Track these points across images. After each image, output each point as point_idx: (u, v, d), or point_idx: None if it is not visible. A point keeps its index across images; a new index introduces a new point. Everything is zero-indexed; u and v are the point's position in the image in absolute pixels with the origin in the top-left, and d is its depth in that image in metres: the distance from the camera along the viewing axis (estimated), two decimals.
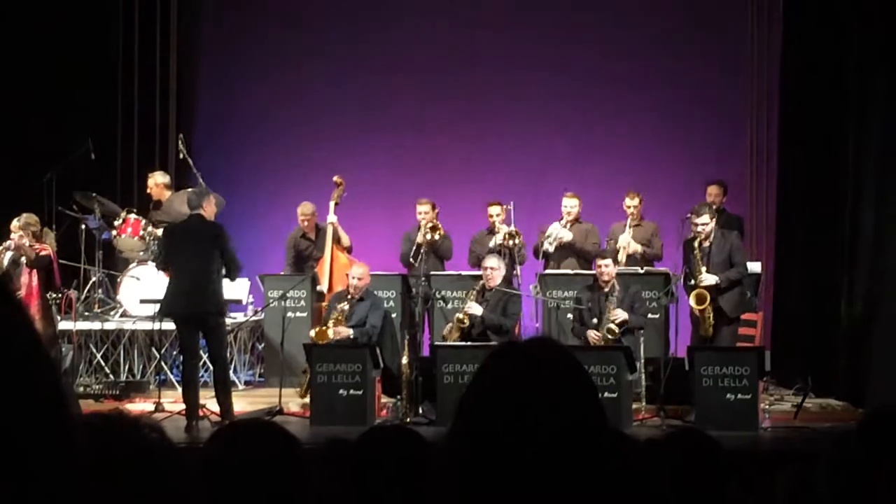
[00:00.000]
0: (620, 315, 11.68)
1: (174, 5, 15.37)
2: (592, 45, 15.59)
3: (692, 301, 11.64)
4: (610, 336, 11.62)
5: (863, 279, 12.22)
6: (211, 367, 11.27)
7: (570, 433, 1.90)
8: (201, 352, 11.23)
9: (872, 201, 12.11)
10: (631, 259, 13.17)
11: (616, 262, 12.51)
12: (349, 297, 12.17)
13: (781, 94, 13.97)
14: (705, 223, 11.71)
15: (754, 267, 12.69)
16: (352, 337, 11.92)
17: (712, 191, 13.23)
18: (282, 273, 13.67)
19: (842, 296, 12.48)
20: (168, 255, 11.11)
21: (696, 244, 11.69)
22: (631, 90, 15.42)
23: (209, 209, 11.04)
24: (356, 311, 12.14)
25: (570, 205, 13.42)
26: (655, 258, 13.35)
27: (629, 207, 13.38)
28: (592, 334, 11.71)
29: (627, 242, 13.20)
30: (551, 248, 13.22)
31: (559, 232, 13.25)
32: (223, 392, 10.80)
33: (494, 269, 12.27)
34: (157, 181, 13.75)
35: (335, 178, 13.50)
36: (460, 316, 12.10)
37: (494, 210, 13.43)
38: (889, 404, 3.01)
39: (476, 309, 12.10)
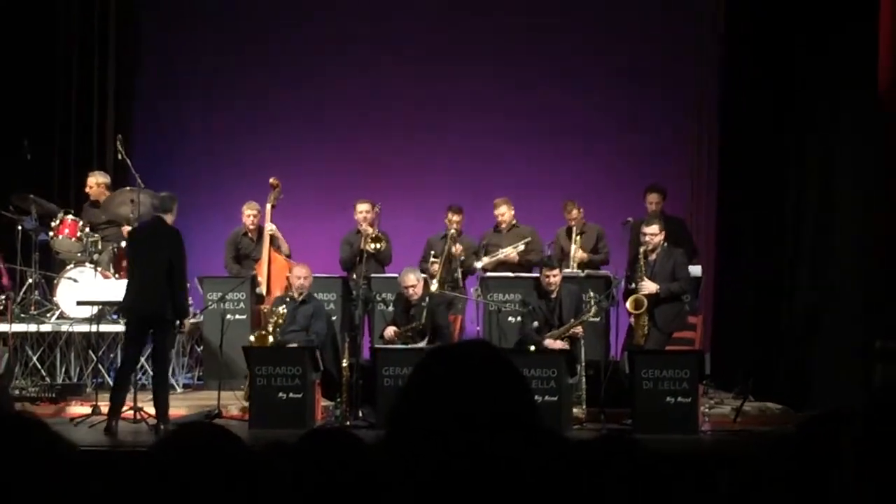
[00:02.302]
0: (558, 345, 11.61)
1: (113, 5, 15.23)
2: (534, 53, 15.59)
3: (629, 305, 11.69)
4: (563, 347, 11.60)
5: (803, 284, 12.31)
6: (147, 371, 11.24)
7: (503, 434, 1.89)
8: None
9: (814, 204, 12.21)
10: (581, 266, 13.19)
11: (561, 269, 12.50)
12: (289, 298, 12.13)
13: (721, 96, 14.04)
14: (654, 233, 11.77)
15: (695, 270, 12.75)
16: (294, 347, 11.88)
17: (652, 198, 13.25)
18: (224, 271, 13.63)
19: (781, 300, 12.56)
20: (130, 256, 11.27)
21: (641, 255, 11.74)
22: (573, 95, 15.45)
23: (174, 213, 11.17)
24: (298, 314, 12.09)
25: (501, 213, 13.43)
26: (603, 263, 13.37)
27: (571, 220, 13.39)
28: (558, 344, 11.62)
29: (575, 252, 13.21)
30: (489, 266, 13.19)
31: (507, 256, 13.24)
32: (163, 394, 10.83)
33: (414, 284, 12.14)
34: (99, 181, 13.65)
35: (271, 181, 13.47)
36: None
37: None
38: (828, 408, 3.01)
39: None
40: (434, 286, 12.60)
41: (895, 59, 11.72)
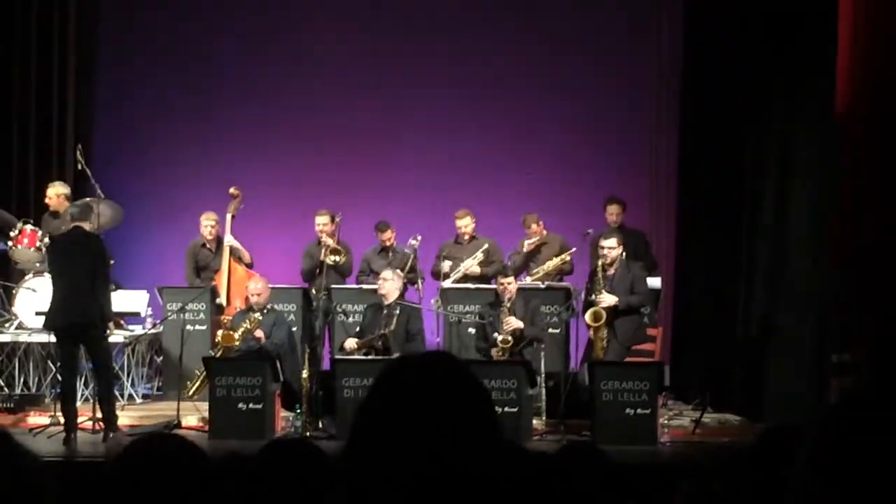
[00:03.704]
0: (514, 323, 11.70)
1: (73, 14, 15.16)
2: (493, 64, 15.61)
3: (588, 318, 11.71)
4: (503, 346, 11.62)
5: (760, 296, 12.38)
6: (91, 382, 11.22)
7: (464, 446, 1.90)
8: (86, 362, 11.23)
9: (771, 215, 12.28)
10: (546, 277, 13.21)
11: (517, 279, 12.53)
12: (252, 310, 12.16)
13: (681, 109, 14.10)
14: (612, 247, 11.81)
15: (654, 282, 12.80)
16: (262, 341, 11.89)
17: (612, 209, 13.28)
18: (184, 283, 13.58)
19: (738, 312, 12.63)
20: (52, 267, 11.20)
21: (599, 269, 11.78)
22: (534, 108, 15.48)
23: (93, 221, 11.23)
24: (261, 324, 12.11)
25: (463, 224, 13.46)
26: (567, 273, 13.41)
27: (532, 235, 13.42)
28: (495, 352, 11.70)
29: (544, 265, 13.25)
30: (455, 278, 13.22)
31: (469, 269, 13.27)
32: (108, 403, 10.82)
33: (386, 279, 12.22)
34: (59, 192, 13.53)
35: (231, 190, 13.46)
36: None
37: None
38: (786, 422, 3.05)
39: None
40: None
41: (852, 68, 11.82)
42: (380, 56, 15.66)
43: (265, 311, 12.20)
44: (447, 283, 13.13)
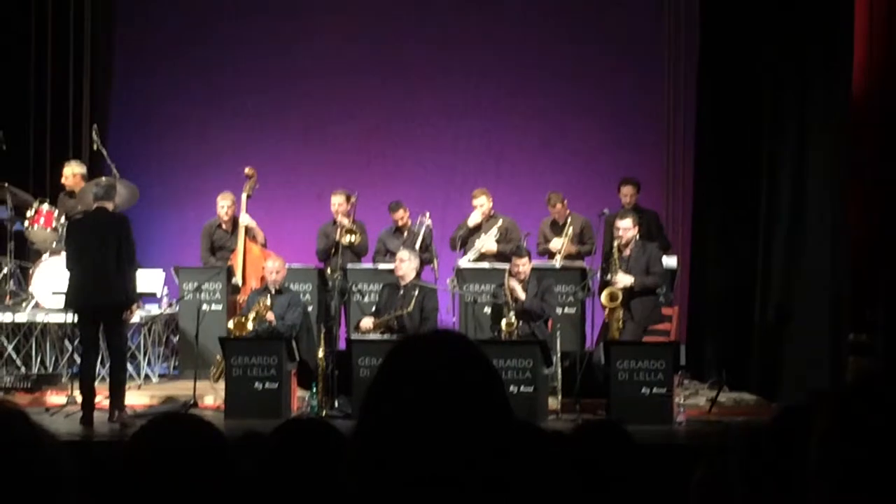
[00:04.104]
0: (519, 292, 11.69)
1: None
2: (506, 45, 15.58)
3: (604, 299, 11.72)
4: (508, 329, 11.61)
5: (777, 275, 12.35)
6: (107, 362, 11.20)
7: (474, 424, 1.90)
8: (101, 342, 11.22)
9: (788, 195, 12.23)
10: (568, 258, 13.17)
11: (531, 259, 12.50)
12: (268, 292, 12.16)
13: (698, 89, 14.05)
14: (627, 227, 11.81)
15: (670, 262, 12.79)
16: (273, 324, 11.90)
17: (626, 190, 13.25)
18: (200, 263, 13.59)
19: (755, 292, 12.60)
20: (72, 247, 11.01)
21: (615, 249, 11.76)
22: (547, 88, 15.45)
23: (116, 201, 11.17)
24: (275, 305, 12.13)
25: (480, 202, 13.44)
26: (588, 254, 13.36)
27: (555, 213, 13.40)
28: (504, 326, 11.69)
29: (562, 245, 13.20)
30: (472, 258, 13.20)
31: (486, 245, 13.25)
32: (118, 386, 10.76)
33: (402, 260, 12.23)
34: (75, 171, 13.52)
35: (247, 170, 13.46)
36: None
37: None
38: (803, 400, 3.03)
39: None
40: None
41: (870, 58, 11.78)
42: (392, 37, 15.63)
43: (281, 291, 12.21)
44: (464, 263, 13.12)
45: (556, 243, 13.22)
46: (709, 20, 13.78)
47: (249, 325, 11.91)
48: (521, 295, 11.73)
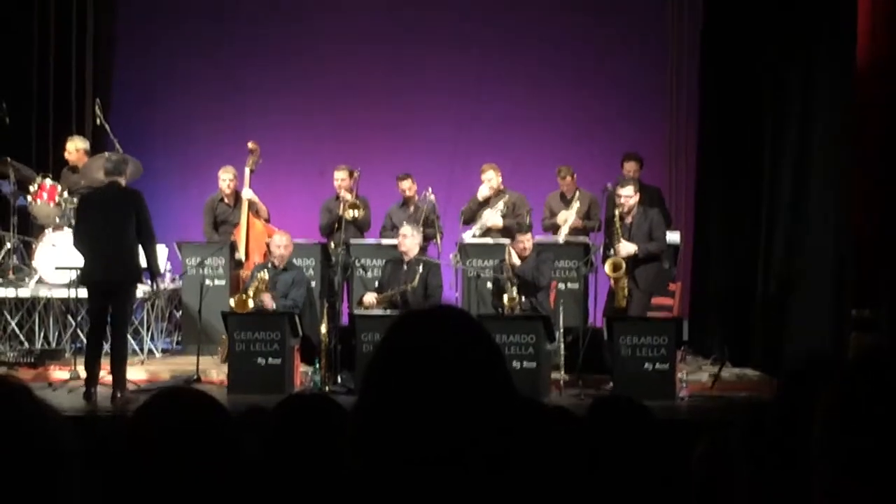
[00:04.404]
0: (513, 256, 11.73)
1: None
2: (511, 19, 15.56)
3: (607, 268, 11.71)
4: (510, 304, 11.63)
5: (779, 251, 12.34)
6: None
7: (476, 402, 1.89)
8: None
9: (791, 172, 12.21)
10: (573, 232, 13.17)
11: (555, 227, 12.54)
12: (271, 266, 12.12)
13: (700, 65, 14.03)
14: (629, 195, 11.79)
15: (673, 237, 12.78)
16: (272, 308, 11.87)
17: (629, 166, 13.28)
18: (203, 238, 13.59)
19: (758, 268, 12.59)
20: (85, 223, 10.90)
21: (616, 218, 11.76)
22: (549, 64, 15.45)
23: (127, 175, 11.04)
24: (278, 281, 12.08)
25: (488, 177, 13.42)
26: (593, 230, 13.36)
27: (564, 186, 13.41)
28: (506, 301, 11.71)
29: (566, 219, 13.19)
30: (478, 233, 13.20)
31: (491, 220, 13.24)
32: (120, 361, 10.68)
33: (406, 236, 12.22)
34: (78, 146, 13.51)
35: (249, 145, 13.43)
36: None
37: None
38: (803, 366, 3.02)
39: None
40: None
41: (873, 35, 11.74)
42: (397, 12, 15.59)
43: (286, 268, 12.17)
44: (467, 238, 13.13)
45: (563, 215, 13.22)
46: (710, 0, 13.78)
47: (250, 304, 11.87)
48: (516, 260, 11.77)
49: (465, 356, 1.92)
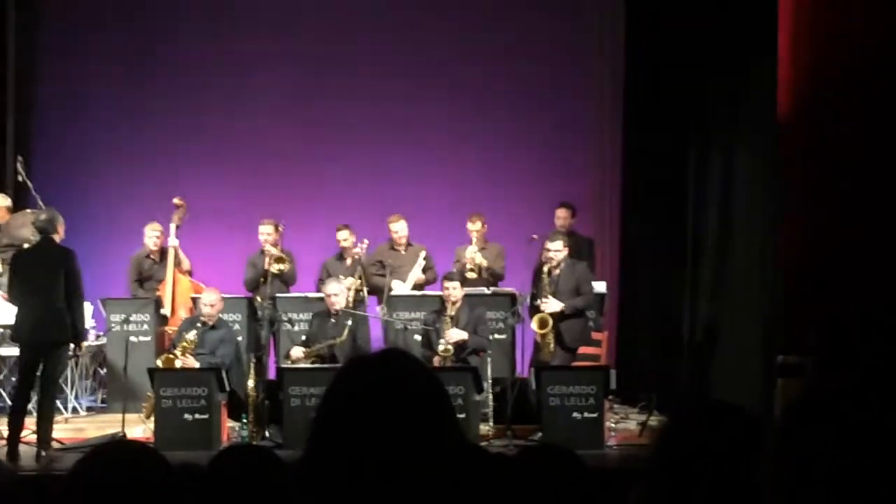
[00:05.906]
0: (456, 336, 11.72)
1: (11, 22, 15.04)
2: (438, 66, 15.62)
3: (534, 325, 11.75)
4: (445, 355, 11.64)
5: (705, 299, 12.44)
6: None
7: (426, 441, 1.89)
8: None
9: (715, 218, 12.34)
10: (479, 279, 13.14)
11: (463, 278, 12.49)
12: (200, 324, 11.99)
13: (625, 113, 14.15)
14: (558, 249, 11.85)
15: (599, 287, 12.83)
16: (199, 368, 11.77)
17: (561, 213, 13.36)
18: (128, 294, 13.47)
19: (683, 315, 12.69)
20: (18, 279, 10.79)
21: (545, 271, 11.80)
22: (477, 112, 15.49)
23: (61, 232, 10.87)
24: (207, 339, 11.94)
25: (397, 228, 13.44)
26: (498, 278, 13.39)
27: (472, 232, 13.38)
28: (436, 360, 11.71)
29: (474, 254, 13.18)
30: (404, 290, 13.20)
31: (418, 279, 13.25)
32: (46, 420, 10.54)
33: (335, 294, 12.16)
34: (1, 204, 13.40)
35: (175, 200, 13.37)
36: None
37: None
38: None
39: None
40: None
41: (795, 78, 11.89)
42: (324, 66, 15.61)
43: (215, 326, 12.05)
44: (397, 290, 13.12)
45: (469, 252, 13.16)
46: (634, 38, 13.91)
47: (177, 364, 11.75)
48: (463, 336, 11.74)
49: (413, 394, 1.92)
